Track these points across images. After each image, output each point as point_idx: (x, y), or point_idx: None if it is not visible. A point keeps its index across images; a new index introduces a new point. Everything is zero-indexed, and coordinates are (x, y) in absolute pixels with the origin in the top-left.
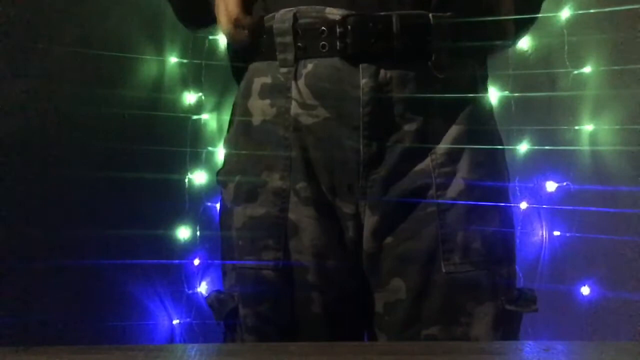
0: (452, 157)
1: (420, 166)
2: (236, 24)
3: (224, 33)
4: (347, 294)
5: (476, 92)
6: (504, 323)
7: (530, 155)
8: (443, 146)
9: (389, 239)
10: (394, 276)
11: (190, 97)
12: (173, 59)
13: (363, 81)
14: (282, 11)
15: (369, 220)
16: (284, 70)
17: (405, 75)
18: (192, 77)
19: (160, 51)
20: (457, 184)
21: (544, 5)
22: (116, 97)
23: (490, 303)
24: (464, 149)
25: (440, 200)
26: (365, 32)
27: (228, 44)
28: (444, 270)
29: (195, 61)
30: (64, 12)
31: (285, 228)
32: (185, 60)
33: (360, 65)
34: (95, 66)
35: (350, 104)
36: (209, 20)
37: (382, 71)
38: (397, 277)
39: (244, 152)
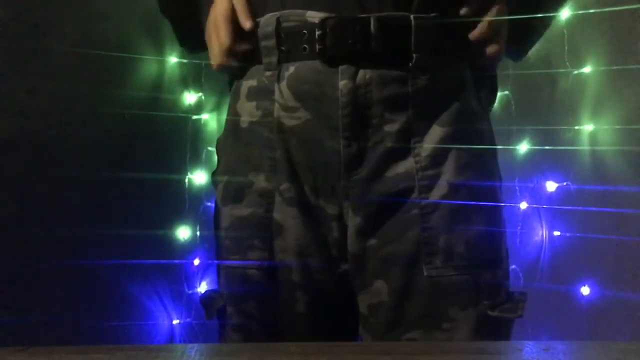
0: (437, 159)
1: (403, 168)
2: (228, 53)
3: (214, 62)
4: (331, 294)
5: (462, 93)
6: (488, 329)
7: (530, 155)
8: (427, 146)
9: (372, 241)
10: (376, 278)
11: (190, 97)
12: (173, 59)
13: (342, 83)
14: (266, 15)
15: (352, 221)
16: (268, 73)
17: (385, 76)
18: (192, 77)
19: (160, 51)
20: (441, 187)
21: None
22: (116, 97)
23: (472, 309)
24: (449, 150)
25: (423, 200)
26: (343, 34)
27: None
28: (425, 274)
29: (195, 61)
30: (64, 11)
31: (271, 228)
32: (185, 60)
33: (340, 67)
34: (95, 66)
35: (330, 105)
36: (199, 47)
37: (361, 72)
38: (380, 279)
39: (232, 153)
